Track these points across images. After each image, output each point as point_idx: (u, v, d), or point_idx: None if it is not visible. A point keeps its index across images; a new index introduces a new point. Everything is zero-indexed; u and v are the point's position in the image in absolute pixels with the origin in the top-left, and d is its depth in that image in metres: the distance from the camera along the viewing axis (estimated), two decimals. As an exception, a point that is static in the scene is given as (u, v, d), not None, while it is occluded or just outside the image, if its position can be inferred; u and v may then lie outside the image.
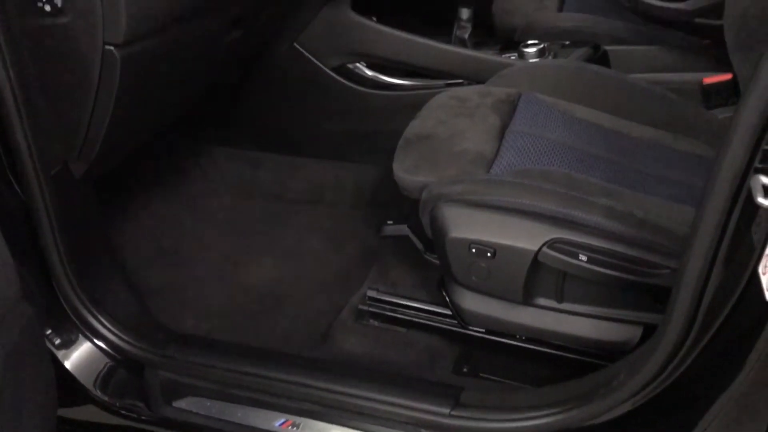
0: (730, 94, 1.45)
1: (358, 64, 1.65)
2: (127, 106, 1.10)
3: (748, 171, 0.74)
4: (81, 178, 1.14)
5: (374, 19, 1.63)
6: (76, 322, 1.14)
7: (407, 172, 1.19)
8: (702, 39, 1.59)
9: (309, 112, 1.69)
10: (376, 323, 1.35)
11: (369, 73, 1.65)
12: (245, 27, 1.34)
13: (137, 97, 1.13)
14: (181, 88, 1.32)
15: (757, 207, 0.73)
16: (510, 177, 1.14)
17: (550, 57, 1.61)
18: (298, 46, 1.63)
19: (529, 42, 1.62)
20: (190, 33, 1.17)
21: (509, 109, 1.33)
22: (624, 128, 1.33)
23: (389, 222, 1.39)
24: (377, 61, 1.65)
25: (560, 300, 1.14)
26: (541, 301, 1.15)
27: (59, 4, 0.98)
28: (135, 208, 1.62)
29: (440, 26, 1.78)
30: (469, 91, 1.39)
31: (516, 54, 1.62)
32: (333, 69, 1.64)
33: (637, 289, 1.08)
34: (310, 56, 1.63)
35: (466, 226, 1.11)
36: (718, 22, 1.35)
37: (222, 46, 1.31)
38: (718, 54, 1.53)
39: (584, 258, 1.05)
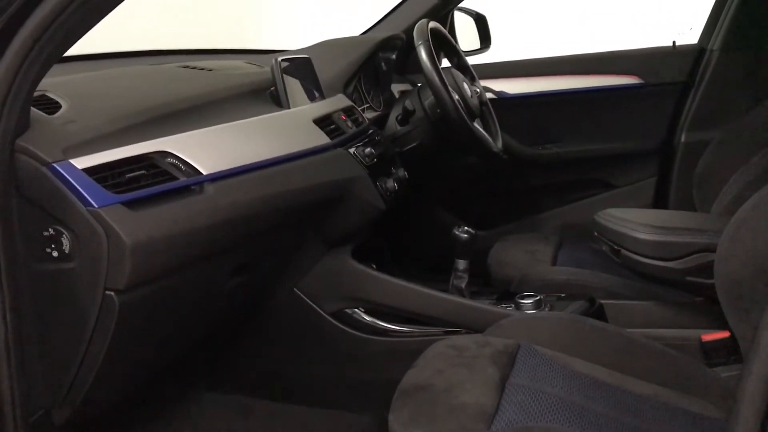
0: (731, 352, 1.44)
1: (356, 310, 1.65)
2: (120, 352, 1.08)
3: None
4: (62, 426, 1.09)
5: (374, 266, 1.68)
6: None
7: (404, 426, 1.14)
8: (696, 296, 1.62)
9: (304, 357, 1.66)
10: None
11: (367, 318, 1.65)
12: (247, 274, 1.37)
13: (132, 343, 1.12)
14: (177, 334, 1.31)
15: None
16: (512, 436, 1.09)
17: (546, 309, 1.62)
18: (297, 291, 1.65)
19: (526, 293, 1.64)
20: (192, 280, 1.18)
21: (508, 361, 1.31)
22: (626, 384, 1.30)
23: (383, 484, 1.30)
24: (376, 307, 1.66)
25: None
26: None
27: (67, 251, 1.00)
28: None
29: (438, 275, 1.83)
30: (467, 341, 1.38)
31: (513, 305, 1.64)
32: (331, 314, 1.65)
33: None
34: (308, 301, 1.65)
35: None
36: (709, 281, 1.38)
37: (223, 293, 1.33)
38: (714, 311, 1.55)
39: None
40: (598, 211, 2.34)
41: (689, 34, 2.31)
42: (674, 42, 2.27)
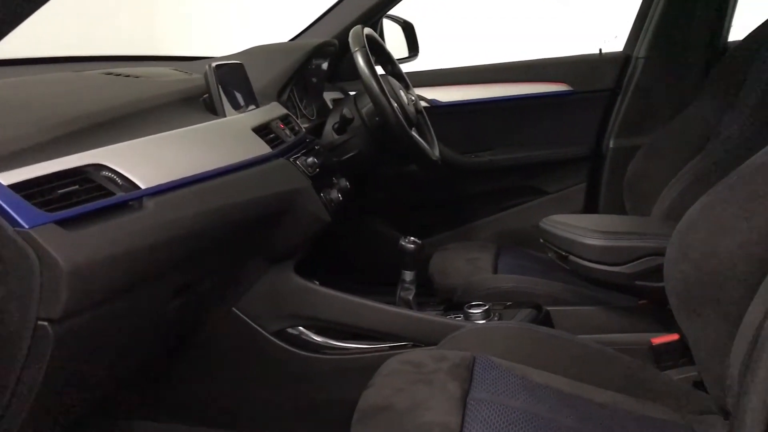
0: (681, 354, 1.45)
1: (300, 328, 1.58)
2: (55, 388, 0.96)
3: None
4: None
5: (317, 282, 1.60)
6: None
7: (369, 450, 1.08)
8: (639, 299, 1.63)
9: (247, 381, 1.57)
10: None
11: (312, 337, 1.58)
12: (188, 296, 1.27)
13: (67, 378, 1.00)
14: (117, 364, 1.19)
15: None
16: (481, 455, 1.04)
17: (495, 318, 1.60)
18: (236, 311, 1.55)
19: (474, 303, 1.62)
20: (132, 304, 1.08)
21: (467, 374, 1.27)
22: (585, 393, 1.28)
23: None
24: (321, 325, 1.59)
25: None
26: None
27: (-10, 278, 0.89)
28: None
29: (381, 287, 1.77)
30: (423, 356, 1.33)
31: (461, 315, 1.61)
32: (273, 334, 1.56)
33: None
34: (249, 321, 1.56)
35: None
36: (658, 284, 1.39)
37: (163, 317, 1.22)
38: (660, 313, 1.57)
39: None
40: (531, 217, 2.36)
41: (614, 42, 2.36)
42: (600, 50, 2.31)
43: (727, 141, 1.67)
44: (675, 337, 1.46)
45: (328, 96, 2.19)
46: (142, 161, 1.11)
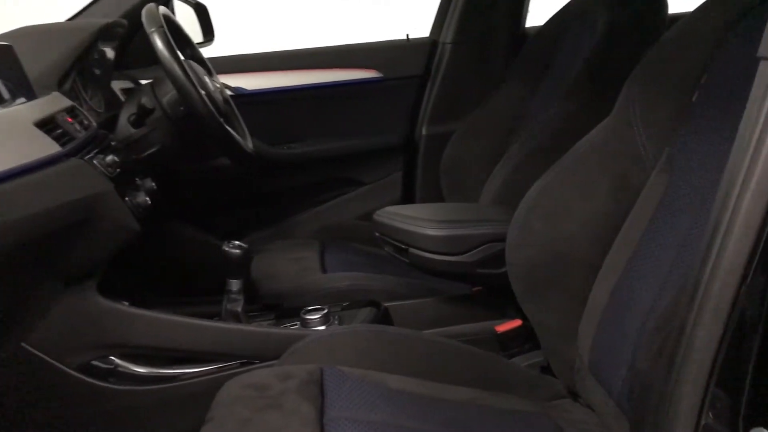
0: (525, 340, 1.44)
1: (111, 357, 1.34)
2: None
3: None
4: None
5: (126, 303, 1.37)
6: None
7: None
8: (472, 286, 1.61)
9: (51, 428, 1.30)
10: None
11: (129, 367, 1.35)
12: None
13: None
14: None
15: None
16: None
17: (335, 322, 1.48)
18: (27, 346, 1.28)
19: (309, 308, 1.49)
20: None
21: (317, 391, 1.15)
22: (443, 393, 1.22)
23: None
24: (134, 351, 1.37)
25: None
26: None
27: None
28: None
29: (206, 298, 1.58)
30: (265, 375, 1.18)
31: (298, 322, 1.47)
32: (77, 368, 1.31)
33: None
34: (44, 356, 1.29)
35: None
36: (500, 271, 1.36)
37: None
38: (498, 300, 1.55)
39: None
40: (350, 210, 2.28)
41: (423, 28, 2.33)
42: (408, 35, 2.27)
43: (547, 124, 1.69)
44: (518, 322, 1.45)
45: (117, 86, 1.92)
46: None
